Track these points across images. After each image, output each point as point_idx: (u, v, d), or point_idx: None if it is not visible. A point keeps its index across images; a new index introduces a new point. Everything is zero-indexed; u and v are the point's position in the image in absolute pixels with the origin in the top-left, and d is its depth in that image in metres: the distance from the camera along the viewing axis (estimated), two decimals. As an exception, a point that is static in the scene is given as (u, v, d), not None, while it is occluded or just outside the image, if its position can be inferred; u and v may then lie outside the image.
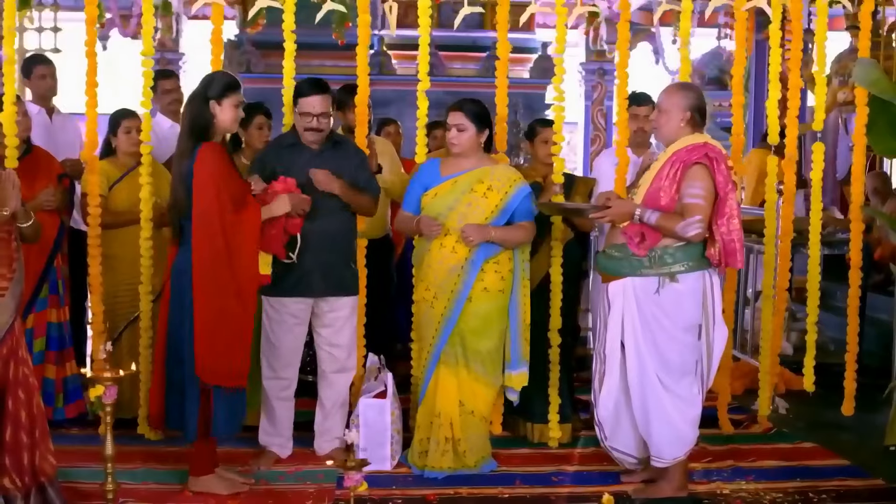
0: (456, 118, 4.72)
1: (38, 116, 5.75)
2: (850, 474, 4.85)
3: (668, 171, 4.28)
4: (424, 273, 4.78)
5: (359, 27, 5.20)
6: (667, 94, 4.45)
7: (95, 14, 5.12)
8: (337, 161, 4.73)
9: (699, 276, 4.32)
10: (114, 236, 5.28)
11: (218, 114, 4.31)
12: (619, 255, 4.38)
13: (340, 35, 8.61)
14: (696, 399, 4.43)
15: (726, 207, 4.27)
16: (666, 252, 4.28)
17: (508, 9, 5.26)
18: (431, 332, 4.76)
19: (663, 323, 4.31)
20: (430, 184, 4.78)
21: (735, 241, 4.29)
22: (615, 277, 4.39)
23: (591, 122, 13.89)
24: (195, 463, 4.42)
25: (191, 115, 4.33)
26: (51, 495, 3.98)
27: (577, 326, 5.77)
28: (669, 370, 4.36)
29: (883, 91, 5.32)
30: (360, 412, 4.78)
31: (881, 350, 6.58)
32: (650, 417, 4.38)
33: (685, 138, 4.33)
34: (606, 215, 4.36)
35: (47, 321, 5.19)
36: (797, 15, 5.48)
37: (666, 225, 4.23)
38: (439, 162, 4.88)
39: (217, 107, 4.31)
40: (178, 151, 4.35)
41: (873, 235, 7.40)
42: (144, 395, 5.14)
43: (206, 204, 4.18)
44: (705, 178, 4.24)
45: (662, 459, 4.42)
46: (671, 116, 4.37)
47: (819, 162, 5.57)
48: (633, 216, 4.27)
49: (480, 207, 4.71)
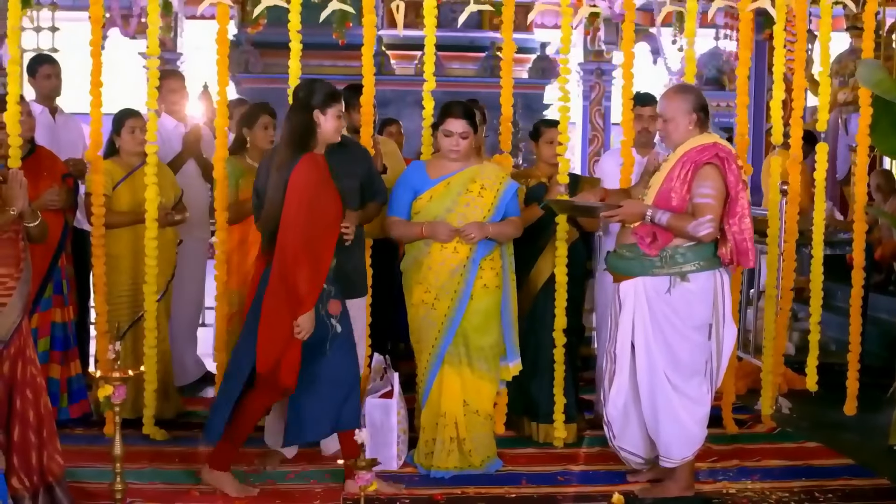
0: (459, 126, 4.69)
1: (41, 116, 5.75)
2: (854, 474, 4.86)
3: (679, 172, 4.28)
4: (423, 276, 4.75)
5: (364, 27, 5.20)
6: (668, 101, 4.43)
7: (100, 14, 5.11)
8: (346, 162, 4.71)
9: (710, 276, 4.33)
10: (118, 236, 5.28)
11: (322, 123, 4.26)
12: (630, 255, 4.39)
13: (341, 35, 8.61)
14: (704, 398, 4.44)
15: (738, 206, 4.28)
16: (677, 252, 4.29)
17: (513, 9, 5.25)
18: (433, 334, 4.75)
19: (674, 322, 4.32)
20: (421, 187, 4.76)
21: (747, 241, 4.30)
22: (626, 277, 4.40)
23: (588, 122, 13.92)
24: (216, 456, 4.41)
25: (293, 125, 4.24)
26: (58, 495, 3.98)
27: (582, 326, 5.77)
28: (679, 370, 4.37)
29: (886, 91, 5.35)
30: (366, 412, 4.78)
31: (882, 350, 6.62)
32: (659, 417, 4.39)
33: (694, 139, 4.34)
34: (618, 215, 4.36)
35: (52, 321, 5.19)
36: (802, 16, 5.49)
37: (677, 225, 4.24)
38: (424, 165, 4.86)
39: (321, 116, 4.25)
40: (277, 162, 4.23)
41: (874, 235, 7.43)
42: (149, 395, 5.14)
43: (294, 215, 4.10)
44: (716, 178, 4.25)
45: (671, 459, 4.43)
46: (678, 122, 4.37)
47: (822, 162, 5.59)
48: (645, 217, 4.28)
49: (478, 207, 4.73)
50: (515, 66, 11.48)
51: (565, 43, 5.23)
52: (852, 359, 5.76)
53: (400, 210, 4.79)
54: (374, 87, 5.23)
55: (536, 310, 5.26)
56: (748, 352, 6.82)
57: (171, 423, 5.40)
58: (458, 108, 4.73)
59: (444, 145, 4.74)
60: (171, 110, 6.16)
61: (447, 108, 4.74)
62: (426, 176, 4.78)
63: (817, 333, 5.71)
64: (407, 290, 4.85)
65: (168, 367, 5.57)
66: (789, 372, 6.38)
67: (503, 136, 5.28)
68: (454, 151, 4.72)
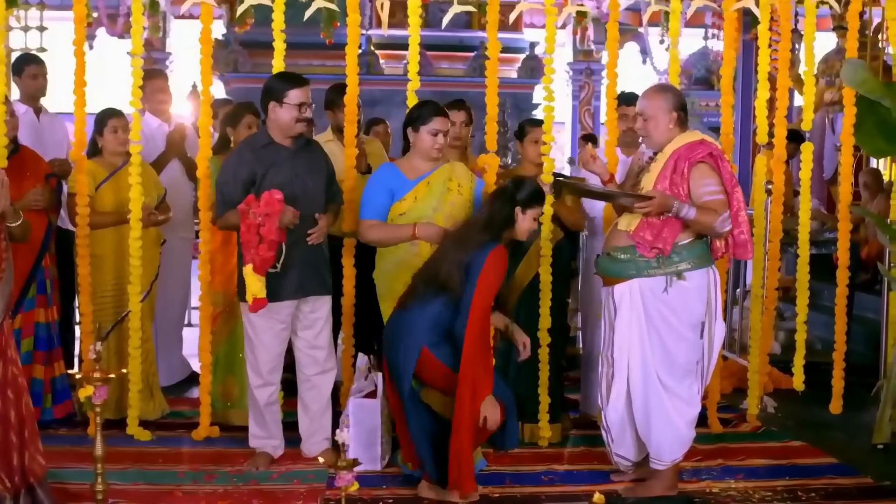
0: (447, 124, 4.69)
1: (25, 116, 5.73)
2: (838, 472, 4.86)
3: (675, 169, 4.25)
4: (410, 277, 4.73)
5: (348, 27, 5.18)
6: (648, 100, 4.42)
7: (84, 13, 5.10)
8: (312, 161, 4.73)
9: (704, 273, 4.34)
10: (101, 236, 5.27)
11: (519, 221, 4.41)
12: (624, 258, 4.35)
13: (328, 34, 8.59)
14: (695, 399, 4.44)
15: (734, 201, 4.30)
16: (674, 249, 4.28)
17: (498, 9, 5.24)
18: None
19: (671, 322, 4.31)
20: (400, 188, 4.71)
21: (744, 234, 4.34)
22: (620, 280, 4.36)
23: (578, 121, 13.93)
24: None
25: (493, 209, 4.41)
26: (40, 496, 3.96)
27: (567, 326, 5.77)
28: (674, 371, 4.35)
29: (870, 91, 5.35)
30: (350, 412, 4.77)
31: (869, 349, 6.62)
32: (651, 420, 4.37)
33: (679, 137, 4.34)
34: (651, 206, 4.23)
35: (35, 321, 5.18)
36: (786, 15, 5.49)
37: (705, 220, 4.22)
38: (396, 166, 4.80)
39: (521, 215, 4.40)
40: (464, 235, 4.39)
41: (860, 234, 7.45)
42: (133, 395, 5.13)
43: (485, 304, 4.27)
44: (714, 175, 4.27)
45: (662, 461, 4.42)
46: (659, 121, 4.36)
47: (808, 161, 5.60)
48: (672, 209, 4.21)
49: (460, 204, 4.75)
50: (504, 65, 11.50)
51: (549, 42, 5.24)
52: (837, 358, 5.77)
53: (378, 213, 4.72)
54: (357, 86, 5.22)
55: (521, 309, 5.25)
56: (734, 351, 6.83)
57: (155, 423, 5.39)
58: (441, 108, 4.72)
59: (429, 144, 4.69)
60: (156, 110, 6.15)
61: (434, 107, 4.71)
62: (403, 177, 4.73)
63: (804, 333, 5.72)
64: (391, 295, 4.68)
65: (152, 368, 5.56)
66: (775, 371, 6.39)
67: (488, 135, 5.27)
68: (439, 150, 4.72)
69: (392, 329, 4.43)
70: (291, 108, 4.56)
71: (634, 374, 4.38)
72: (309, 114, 4.64)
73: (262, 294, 4.45)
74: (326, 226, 4.68)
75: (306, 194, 4.62)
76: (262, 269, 4.43)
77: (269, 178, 4.55)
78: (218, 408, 5.36)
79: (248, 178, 4.56)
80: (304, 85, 4.62)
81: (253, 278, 4.44)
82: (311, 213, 4.59)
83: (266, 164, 4.58)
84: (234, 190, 4.56)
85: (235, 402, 5.38)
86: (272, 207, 4.39)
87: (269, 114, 4.63)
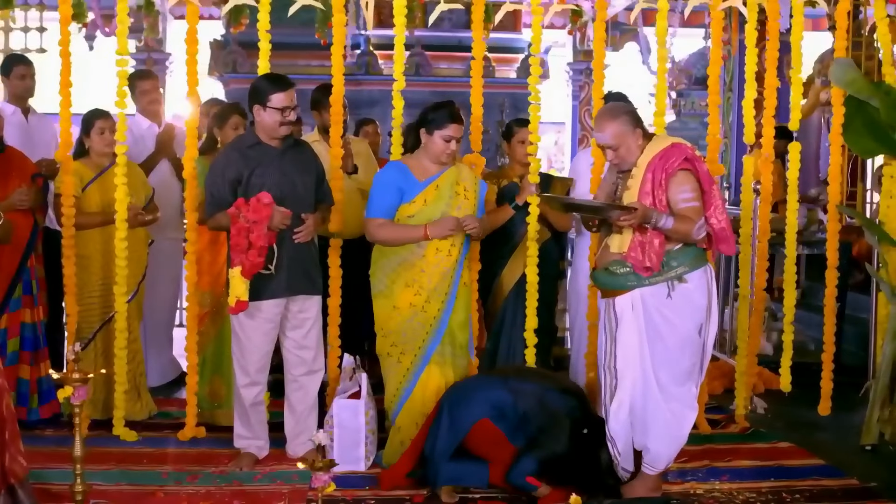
0: (460, 131, 4.66)
1: (12, 116, 5.75)
2: (824, 474, 4.84)
3: (653, 181, 4.21)
4: (414, 278, 4.67)
5: (334, 27, 5.20)
6: (610, 130, 4.25)
7: (69, 13, 5.13)
8: (301, 160, 4.73)
9: (703, 272, 4.32)
10: (88, 237, 5.27)
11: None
12: (622, 270, 4.29)
13: (323, 35, 8.58)
14: (695, 402, 4.42)
15: (713, 199, 4.30)
16: (669, 256, 4.25)
17: (484, 8, 5.26)
18: (421, 336, 4.71)
19: (676, 325, 4.26)
20: (411, 189, 4.68)
21: (726, 229, 4.34)
22: (620, 292, 4.31)
23: (578, 122, 13.88)
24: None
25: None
26: (21, 497, 3.95)
27: (555, 326, 5.76)
28: (676, 377, 4.31)
29: (859, 91, 5.34)
30: (334, 413, 4.77)
31: (862, 350, 6.58)
32: (649, 428, 4.32)
33: (649, 147, 4.27)
34: (634, 219, 4.18)
35: (21, 321, 5.17)
36: (774, 15, 5.48)
37: (682, 229, 4.20)
38: (406, 166, 4.75)
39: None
40: None
41: (852, 236, 7.40)
42: (119, 396, 5.13)
43: None
44: (692, 181, 4.25)
45: (656, 468, 4.39)
46: (629, 145, 4.26)
47: (795, 161, 5.58)
48: (650, 220, 4.18)
49: (467, 207, 4.73)
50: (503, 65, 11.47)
51: (535, 42, 5.25)
52: (826, 359, 5.75)
53: (387, 212, 4.69)
54: (343, 86, 5.23)
55: (508, 310, 5.25)
56: (724, 352, 6.80)
57: (142, 423, 5.39)
58: (457, 113, 4.67)
59: (440, 149, 4.64)
60: (146, 111, 6.16)
61: (450, 113, 4.64)
62: (413, 178, 4.70)
63: (791, 333, 5.70)
64: (389, 293, 4.71)
65: (140, 368, 5.57)
66: (766, 372, 6.36)
67: (473, 135, 5.29)
68: (449, 156, 4.69)
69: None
70: (274, 112, 4.56)
71: (636, 383, 4.34)
72: (293, 117, 4.63)
73: (245, 297, 4.45)
74: (314, 225, 4.68)
75: (294, 194, 4.62)
76: (249, 274, 4.43)
77: (257, 178, 4.55)
78: (205, 408, 5.37)
79: (235, 178, 4.57)
80: (288, 88, 4.60)
81: (238, 280, 4.44)
82: (299, 212, 4.59)
83: (253, 165, 4.59)
84: (222, 190, 4.57)
85: (223, 403, 5.38)
86: (260, 214, 4.39)
87: (255, 116, 4.64)
